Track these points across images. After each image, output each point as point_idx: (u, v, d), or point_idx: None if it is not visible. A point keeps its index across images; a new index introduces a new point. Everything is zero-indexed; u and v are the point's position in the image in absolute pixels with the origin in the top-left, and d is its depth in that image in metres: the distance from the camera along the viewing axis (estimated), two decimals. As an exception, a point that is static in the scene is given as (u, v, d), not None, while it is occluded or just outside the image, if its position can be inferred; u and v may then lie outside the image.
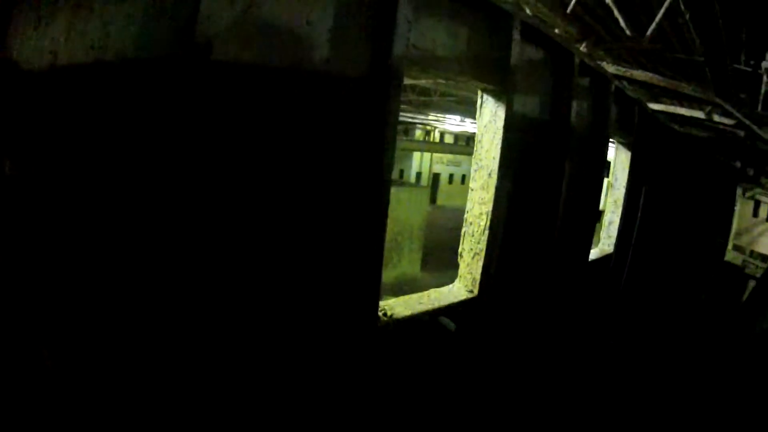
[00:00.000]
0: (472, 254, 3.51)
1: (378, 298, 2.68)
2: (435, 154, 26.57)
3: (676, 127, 6.99)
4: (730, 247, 13.59)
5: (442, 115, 19.12)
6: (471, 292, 3.51)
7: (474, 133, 4.86)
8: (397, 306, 3.11)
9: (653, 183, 6.72)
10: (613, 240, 5.89)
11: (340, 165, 2.25)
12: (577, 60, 3.97)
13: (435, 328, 3.31)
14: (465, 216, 3.58)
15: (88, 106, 1.71)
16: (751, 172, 7.95)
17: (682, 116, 6.63)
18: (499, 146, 3.35)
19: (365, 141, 2.30)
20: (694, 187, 8.79)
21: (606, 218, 5.96)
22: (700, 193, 9.21)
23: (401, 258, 13.36)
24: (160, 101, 1.66)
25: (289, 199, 2.06)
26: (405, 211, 13.13)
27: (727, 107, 5.80)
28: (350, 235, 2.35)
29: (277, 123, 1.96)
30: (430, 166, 27.40)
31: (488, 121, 3.43)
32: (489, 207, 3.39)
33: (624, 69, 5.94)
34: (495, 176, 3.39)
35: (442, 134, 29.50)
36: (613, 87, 4.84)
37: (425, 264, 14.23)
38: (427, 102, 15.08)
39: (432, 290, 3.50)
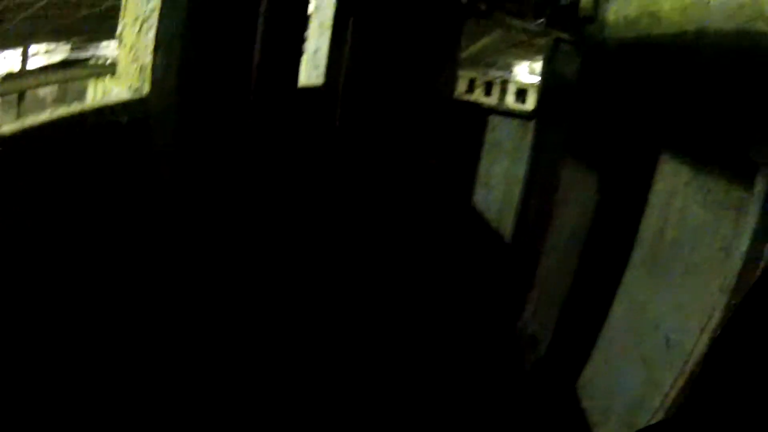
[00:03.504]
0: (137, 24, 2.33)
1: None
2: None
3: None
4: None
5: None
6: (137, 91, 2.38)
7: None
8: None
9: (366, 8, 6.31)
10: (322, 70, 5.45)
11: None
12: None
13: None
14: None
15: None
16: (483, 7, 8.11)
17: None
18: None
19: None
20: (416, 20, 8.77)
21: (311, 44, 5.43)
22: (422, 27, 9.30)
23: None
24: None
25: None
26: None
27: None
28: None
29: None
30: None
31: None
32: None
33: None
34: None
35: None
36: None
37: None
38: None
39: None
